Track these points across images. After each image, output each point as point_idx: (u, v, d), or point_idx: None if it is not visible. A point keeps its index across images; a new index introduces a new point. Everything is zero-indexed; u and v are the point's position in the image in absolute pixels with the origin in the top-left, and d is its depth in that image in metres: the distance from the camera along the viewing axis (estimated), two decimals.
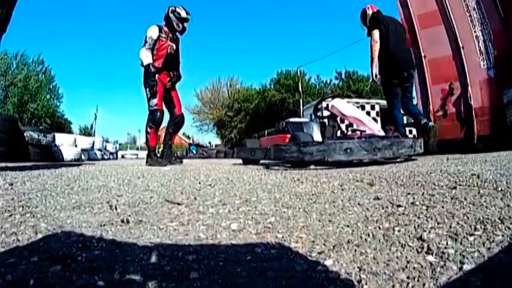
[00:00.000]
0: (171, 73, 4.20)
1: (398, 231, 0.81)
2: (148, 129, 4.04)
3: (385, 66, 3.51)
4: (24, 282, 0.56)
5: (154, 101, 3.94)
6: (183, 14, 4.07)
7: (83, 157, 8.26)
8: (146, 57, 3.92)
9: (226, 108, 25.96)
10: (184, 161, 5.26)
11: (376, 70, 3.50)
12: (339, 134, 3.75)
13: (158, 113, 3.97)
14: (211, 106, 27.24)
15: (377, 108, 12.35)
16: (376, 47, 3.46)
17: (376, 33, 3.50)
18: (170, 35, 4.12)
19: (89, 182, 1.87)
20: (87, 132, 26.77)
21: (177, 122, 4.33)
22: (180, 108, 4.35)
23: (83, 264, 0.64)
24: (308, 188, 1.55)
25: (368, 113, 10.94)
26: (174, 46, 4.18)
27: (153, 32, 3.96)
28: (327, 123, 3.69)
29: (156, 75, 3.95)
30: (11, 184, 1.67)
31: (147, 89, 3.96)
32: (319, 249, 0.74)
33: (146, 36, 3.95)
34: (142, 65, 3.98)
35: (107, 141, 13.88)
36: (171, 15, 4.07)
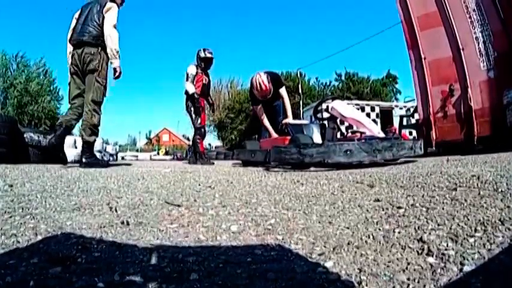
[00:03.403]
0: (208, 99, 5.67)
1: (399, 232, 0.81)
2: (198, 140, 5.32)
3: None
4: (24, 283, 0.56)
5: (199, 120, 5.25)
6: (202, 54, 5.34)
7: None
8: (191, 88, 5.16)
9: (227, 110, 25.92)
10: (184, 162, 5.65)
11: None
12: (338, 135, 3.75)
13: (203, 129, 5.37)
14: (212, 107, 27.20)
15: (377, 110, 12.37)
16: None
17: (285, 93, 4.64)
18: (203, 70, 5.39)
19: (88, 183, 1.86)
20: None
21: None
22: (204, 122, 5.67)
23: (82, 266, 0.64)
24: (308, 189, 1.55)
25: (368, 115, 10.96)
26: (207, 78, 5.48)
27: (192, 70, 5.24)
28: (326, 125, 3.68)
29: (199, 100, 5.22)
30: (11, 185, 1.67)
31: (192, 111, 5.20)
32: (319, 250, 0.74)
33: (188, 73, 5.22)
34: (186, 93, 5.23)
35: (106, 143, 13.85)
36: (197, 56, 5.37)
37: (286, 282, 0.57)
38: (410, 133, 9.20)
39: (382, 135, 3.43)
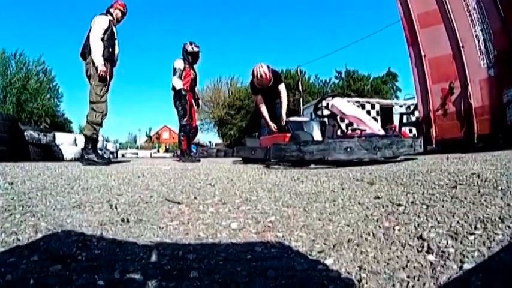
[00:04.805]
0: (195, 95, 5.54)
1: (399, 230, 0.81)
2: (182, 137, 5.26)
3: None
4: (24, 281, 0.56)
5: (186, 117, 5.17)
6: (189, 48, 5.25)
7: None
8: (178, 83, 5.04)
9: (227, 107, 25.90)
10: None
11: None
12: (339, 133, 3.75)
13: (188, 126, 5.25)
14: (212, 105, 27.18)
15: (377, 107, 12.38)
16: None
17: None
18: (190, 64, 5.32)
19: (89, 181, 1.86)
20: None
21: (193, 132, 5.62)
22: (195, 121, 5.64)
23: (83, 264, 0.64)
24: (308, 187, 1.55)
25: (368, 112, 10.95)
26: (194, 73, 5.39)
27: (180, 64, 5.12)
28: (327, 122, 3.68)
29: (186, 97, 5.13)
30: (11, 183, 1.67)
31: (179, 107, 5.10)
32: (319, 248, 0.74)
33: (175, 68, 5.07)
34: (174, 89, 5.09)
35: (107, 141, 13.83)
36: (183, 50, 5.27)
37: (286, 280, 0.57)
38: (411, 131, 9.22)
39: (382, 132, 3.43)
